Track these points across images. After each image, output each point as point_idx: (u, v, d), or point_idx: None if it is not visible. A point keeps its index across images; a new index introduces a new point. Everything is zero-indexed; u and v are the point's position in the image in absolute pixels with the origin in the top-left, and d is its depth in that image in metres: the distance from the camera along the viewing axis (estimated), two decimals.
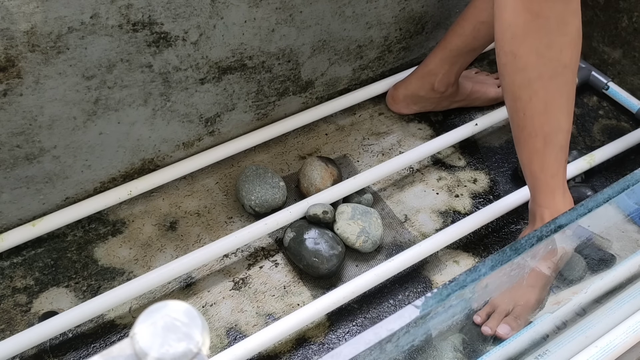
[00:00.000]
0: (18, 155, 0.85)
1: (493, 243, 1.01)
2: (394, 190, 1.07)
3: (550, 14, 0.74)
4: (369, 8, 1.06)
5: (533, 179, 0.85)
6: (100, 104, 0.87)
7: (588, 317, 0.69)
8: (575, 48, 0.78)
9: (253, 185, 0.98)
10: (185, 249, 0.96)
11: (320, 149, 1.12)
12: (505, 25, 0.77)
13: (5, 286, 0.90)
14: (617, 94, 1.21)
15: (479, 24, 1.02)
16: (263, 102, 1.06)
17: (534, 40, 0.76)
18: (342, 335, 0.89)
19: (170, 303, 0.26)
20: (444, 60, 1.07)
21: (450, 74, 1.09)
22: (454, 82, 1.11)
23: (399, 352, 0.36)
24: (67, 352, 0.84)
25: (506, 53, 0.78)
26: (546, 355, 0.65)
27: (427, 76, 1.10)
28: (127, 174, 0.99)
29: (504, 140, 1.17)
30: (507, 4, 0.76)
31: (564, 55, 0.77)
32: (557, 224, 0.41)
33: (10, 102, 0.79)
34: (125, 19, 0.81)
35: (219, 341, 0.87)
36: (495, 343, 0.85)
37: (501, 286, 0.48)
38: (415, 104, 1.15)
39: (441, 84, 1.10)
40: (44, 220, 0.92)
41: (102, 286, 0.91)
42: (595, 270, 0.93)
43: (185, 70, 0.92)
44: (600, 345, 0.65)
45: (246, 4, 0.90)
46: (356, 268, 0.96)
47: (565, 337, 0.67)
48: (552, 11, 0.74)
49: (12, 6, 0.72)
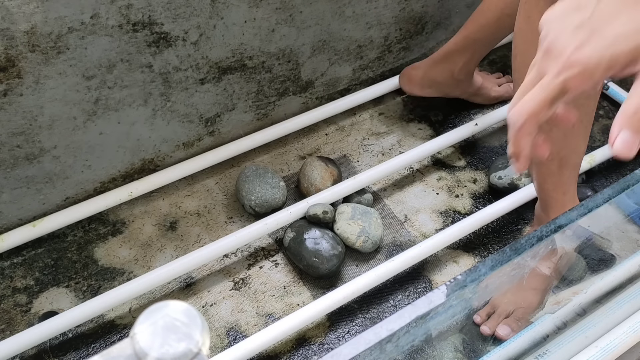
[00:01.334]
0: (18, 155, 0.85)
1: (493, 243, 1.01)
2: (394, 190, 1.07)
3: None
4: (369, 8, 1.06)
5: (545, 195, 0.85)
6: (100, 104, 0.87)
7: (588, 317, 0.69)
8: None
9: (253, 185, 0.98)
10: (185, 249, 0.96)
11: (320, 149, 1.12)
12: (530, 62, 0.73)
13: (6, 286, 0.90)
14: (617, 94, 1.21)
15: (504, 16, 1.00)
16: (263, 102, 1.06)
17: None
18: (342, 335, 0.89)
19: (170, 303, 0.26)
20: (467, 49, 1.06)
21: (471, 63, 1.09)
22: (472, 71, 1.11)
23: (399, 352, 0.36)
24: (67, 352, 0.84)
25: None
26: (546, 355, 0.65)
27: (448, 63, 1.10)
28: (127, 174, 0.99)
29: (504, 140, 1.17)
30: (535, 41, 0.69)
31: None
32: (557, 224, 0.41)
33: (11, 102, 0.79)
34: (125, 19, 0.81)
35: (219, 341, 0.87)
36: (495, 343, 0.85)
37: (501, 286, 0.47)
38: (430, 87, 1.15)
39: (461, 72, 1.10)
40: (44, 221, 0.92)
41: (102, 286, 0.91)
42: (595, 270, 0.93)
43: (185, 70, 0.92)
44: (600, 345, 0.65)
45: (246, 4, 0.90)
46: (356, 268, 0.96)
47: (565, 337, 0.67)
48: None
49: (12, 6, 0.72)
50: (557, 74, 0.40)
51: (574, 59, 0.39)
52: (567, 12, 0.42)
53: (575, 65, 0.39)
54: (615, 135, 0.39)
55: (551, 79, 0.40)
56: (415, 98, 1.23)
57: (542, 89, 0.41)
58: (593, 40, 0.39)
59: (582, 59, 0.39)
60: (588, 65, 0.39)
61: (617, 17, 0.39)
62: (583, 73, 0.39)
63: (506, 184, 1.04)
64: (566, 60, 0.40)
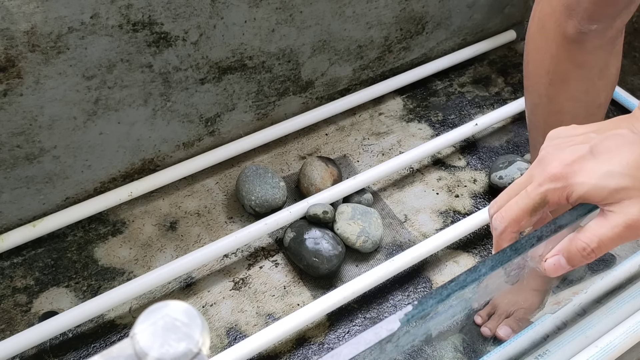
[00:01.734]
0: (18, 155, 0.85)
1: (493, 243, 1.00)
2: (394, 190, 1.07)
3: (594, 64, 0.69)
4: (369, 8, 1.06)
5: None
6: (100, 104, 0.87)
7: (588, 317, 0.69)
8: (612, 88, 0.74)
9: (253, 185, 0.98)
10: (185, 249, 0.96)
11: (320, 149, 1.12)
12: (543, 71, 0.71)
13: (6, 286, 0.90)
14: (617, 94, 1.21)
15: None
16: (263, 102, 1.06)
17: (573, 87, 0.71)
18: (342, 335, 0.89)
19: (170, 303, 0.26)
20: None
21: None
22: None
23: (399, 352, 0.36)
24: (67, 352, 0.84)
25: (541, 95, 0.73)
26: (546, 355, 0.65)
27: None
28: (127, 174, 0.99)
29: (504, 140, 1.17)
30: (549, 51, 0.69)
31: (600, 97, 0.73)
32: (557, 224, 0.41)
33: (11, 102, 0.79)
34: (125, 19, 0.81)
35: (219, 341, 0.87)
36: (496, 344, 0.85)
37: (502, 287, 0.47)
38: None
39: None
40: (44, 221, 0.92)
41: (102, 286, 0.91)
42: (595, 270, 0.93)
43: (186, 70, 0.92)
44: (600, 345, 0.65)
45: (246, 4, 0.90)
46: (356, 268, 0.96)
47: (565, 337, 0.67)
48: (597, 60, 0.69)
49: (12, 6, 0.72)
50: (541, 183, 0.41)
51: (559, 173, 0.41)
52: (573, 135, 0.43)
53: (560, 179, 0.40)
54: (552, 255, 0.41)
55: (534, 187, 0.42)
56: (415, 98, 1.23)
57: (525, 196, 0.42)
58: (585, 165, 0.40)
59: (567, 176, 0.40)
60: (570, 184, 0.40)
61: (614, 156, 0.40)
62: (563, 190, 0.40)
63: (507, 183, 1.04)
64: (553, 173, 0.41)
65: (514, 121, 1.20)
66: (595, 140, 0.41)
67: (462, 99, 1.23)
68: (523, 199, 0.42)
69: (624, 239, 0.39)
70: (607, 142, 0.41)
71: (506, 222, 0.43)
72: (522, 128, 1.19)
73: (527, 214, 0.42)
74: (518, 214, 0.42)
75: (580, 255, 0.40)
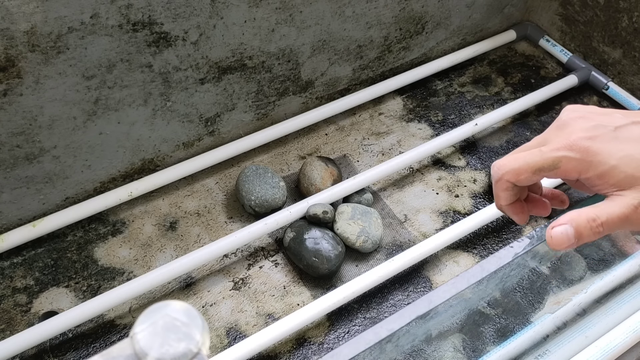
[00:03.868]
0: (18, 155, 0.85)
1: (493, 243, 1.01)
2: (394, 190, 1.07)
3: None
4: (369, 8, 1.06)
5: None
6: (100, 104, 0.87)
7: (588, 317, 0.69)
8: None
9: (253, 185, 0.98)
10: (185, 249, 0.96)
11: (320, 149, 1.12)
12: None
13: (5, 286, 0.90)
14: (617, 94, 1.21)
15: None
16: (263, 102, 1.06)
17: None
18: (342, 335, 0.89)
19: (171, 303, 0.26)
20: None
21: None
22: None
23: (399, 352, 0.36)
24: (67, 352, 0.84)
25: None
26: (546, 355, 0.65)
27: None
28: (127, 174, 0.99)
29: (504, 140, 1.17)
30: None
31: None
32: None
33: (10, 102, 0.79)
34: (125, 19, 0.81)
35: (219, 341, 0.87)
36: (496, 344, 0.85)
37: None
38: None
39: None
40: (44, 221, 0.92)
41: (102, 286, 0.91)
42: (595, 270, 0.93)
43: (185, 70, 0.92)
44: (600, 345, 0.65)
45: (246, 4, 0.90)
46: (356, 268, 0.96)
47: (565, 337, 0.67)
48: None
49: (12, 6, 0.72)
50: (558, 148, 0.40)
51: (580, 145, 0.39)
52: (596, 113, 0.42)
53: (578, 151, 0.39)
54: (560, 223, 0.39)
55: (550, 150, 0.40)
56: (415, 98, 1.23)
57: (537, 153, 0.40)
58: (607, 145, 0.39)
59: (587, 150, 0.39)
60: (589, 160, 0.39)
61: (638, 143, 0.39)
62: (580, 162, 0.39)
63: None
64: (573, 141, 0.39)
65: (514, 121, 1.20)
66: (621, 122, 0.40)
67: (462, 99, 1.24)
68: (533, 155, 0.40)
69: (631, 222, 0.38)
70: (633, 128, 0.40)
71: (504, 169, 0.41)
72: (522, 128, 1.19)
73: (531, 169, 0.40)
74: (521, 165, 0.40)
75: (589, 227, 0.38)
